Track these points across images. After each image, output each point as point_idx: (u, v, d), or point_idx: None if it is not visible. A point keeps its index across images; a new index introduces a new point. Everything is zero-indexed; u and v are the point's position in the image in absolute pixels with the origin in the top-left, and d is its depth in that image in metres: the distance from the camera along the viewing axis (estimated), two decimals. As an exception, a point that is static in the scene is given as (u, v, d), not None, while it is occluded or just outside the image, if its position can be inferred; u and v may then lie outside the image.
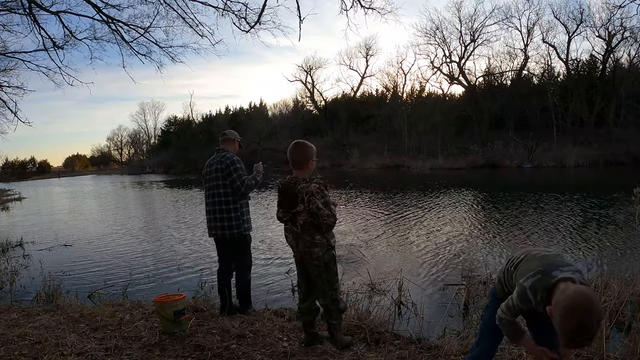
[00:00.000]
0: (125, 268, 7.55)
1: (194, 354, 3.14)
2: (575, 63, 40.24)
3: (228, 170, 3.91)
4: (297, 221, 2.96)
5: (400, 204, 15.19)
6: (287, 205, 3.03)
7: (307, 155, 3.05)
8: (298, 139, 3.22)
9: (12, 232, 11.70)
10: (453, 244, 8.39)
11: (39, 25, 8.70)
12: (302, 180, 3.00)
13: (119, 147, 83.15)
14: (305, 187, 2.93)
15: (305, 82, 54.93)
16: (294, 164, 3.06)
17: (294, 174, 3.06)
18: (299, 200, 2.94)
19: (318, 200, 2.87)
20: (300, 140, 3.15)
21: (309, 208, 2.88)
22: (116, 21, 8.75)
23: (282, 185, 3.11)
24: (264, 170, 4.22)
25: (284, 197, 3.07)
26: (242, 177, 3.92)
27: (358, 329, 3.52)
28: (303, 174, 3.04)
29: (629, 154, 31.20)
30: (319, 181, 2.99)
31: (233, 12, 8.36)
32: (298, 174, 3.05)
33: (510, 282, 2.06)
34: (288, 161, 3.10)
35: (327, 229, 2.91)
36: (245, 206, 4.07)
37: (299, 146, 3.08)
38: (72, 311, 4.27)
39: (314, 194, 2.88)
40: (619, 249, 7.50)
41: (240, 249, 4.06)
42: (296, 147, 3.08)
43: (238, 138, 4.25)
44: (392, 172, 36.25)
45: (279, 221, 3.17)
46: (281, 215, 3.11)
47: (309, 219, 2.91)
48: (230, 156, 4.00)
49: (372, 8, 8.61)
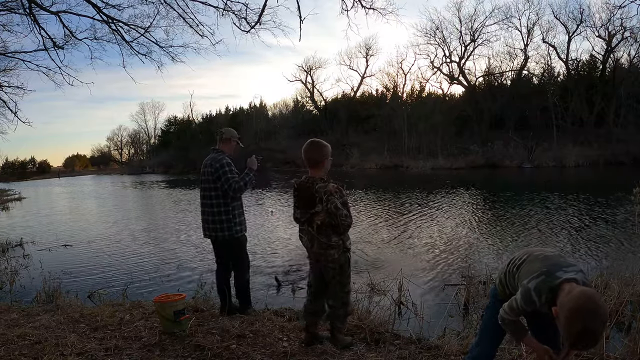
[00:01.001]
0: (125, 268, 7.55)
1: (194, 354, 3.14)
2: (575, 63, 40.29)
3: (217, 174, 3.85)
4: (314, 222, 2.90)
5: (400, 204, 15.19)
6: (304, 205, 2.97)
7: (322, 153, 3.00)
8: (313, 138, 3.15)
9: (12, 232, 11.69)
10: (453, 244, 8.39)
11: (39, 25, 8.70)
12: (319, 179, 2.94)
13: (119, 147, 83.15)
14: (323, 186, 2.88)
15: (305, 82, 54.96)
16: (310, 162, 3.00)
17: (310, 174, 3.00)
18: (317, 200, 2.88)
19: (337, 200, 2.83)
20: (315, 139, 3.09)
21: (328, 208, 2.83)
22: (116, 21, 8.74)
23: (298, 185, 3.04)
24: (259, 163, 4.10)
25: (300, 197, 3.01)
26: (230, 180, 3.83)
27: (358, 329, 3.52)
28: (319, 173, 2.99)
29: (629, 154, 31.21)
30: (336, 181, 2.96)
31: (233, 12, 8.35)
32: (314, 173, 2.99)
33: (512, 283, 2.05)
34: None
35: (344, 229, 2.88)
36: (238, 208, 4.00)
37: (314, 144, 3.02)
38: (72, 311, 4.27)
39: (333, 194, 2.84)
40: (619, 248, 7.50)
41: (234, 250, 4.03)
42: (311, 145, 3.02)
43: (235, 137, 4.14)
44: (392, 172, 36.25)
45: (296, 222, 3.12)
46: (299, 216, 3.05)
47: (327, 219, 2.86)
48: (220, 158, 3.92)
49: (373, 8, 8.61)
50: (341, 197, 2.87)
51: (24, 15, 8.45)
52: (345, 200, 2.90)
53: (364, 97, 53.03)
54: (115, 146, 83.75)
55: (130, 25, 8.86)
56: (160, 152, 65.83)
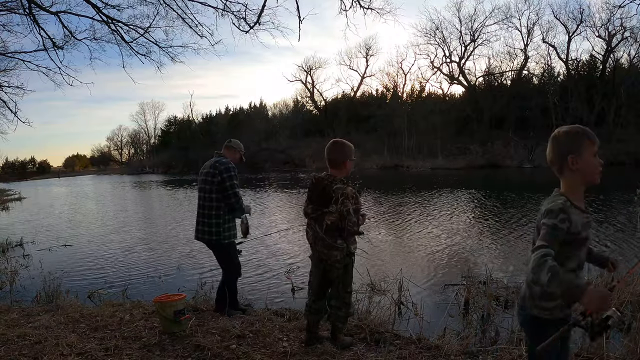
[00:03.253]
0: (125, 268, 7.55)
1: (194, 354, 3.14)
2: (575, 63, 40.30)
3: (222, 177, 3.86)
4: (324, 221, 2.88)
5: (400, 204, 15.19)
6: (318, 202, 2.94)
7: (345, 154, 2.98)
8: (336, 138, 3.14)
9: (12, 232, 11.69)
10: (453, 244, 8.39)
11: (38, 26, 8.69)
12: (339, 180, 2.92)
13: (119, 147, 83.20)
14: (342, 188, 2.86)
15: (305, 82, 54.99)
16: (330, 162, 2.98)
17: (330, 172, 2.98)
18: (332, 200, 2.85)
19: (351, 205, 2.83)
20: (339, 139, 3.08)
21: (340, 209, 2.82)
22: (116, 21, 8.74)
23: (316, 180, 2.99)
24: (249, 213, 4.14)
25: (315, 192, 2.97)
26: (234, 183, 3.87)
27: (358, 329, 3.52)
28: (340, 173, 2.97)
29: (629, 154, 31.19)
30: (354, 186, 2.96)
31: (232, 12, 8.36)
32: (335, 173, 2.97)
33: None
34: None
35: (348, 234, 2.87)
36: (229, 214, 4.01)
37: (337, 145, 3.01)
38: (72, 311, 4.27)
39: (349, 198, 2.84)
40: (619, 249, 7.50)
41: (221, 255, 4.05)
42: (334, 145, 3.01)
43: (240, 150, 4.17)
44: (392, 172, 36.25)
45: (305, 216, 3.09)
46: (309, 212, 3.01)
47: (337, 221, 2.85)
48: (226, 162, 3.96)
49: (371, 8, 8.63)
50: (355, 203, 2.86)
51: (24, 15, 8.45)
52: (358, 208, 2.90)
53: (364, 97, 53.05)
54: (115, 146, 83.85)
55: (129, 25, 8.88)
56: (160, 152, 65.82)
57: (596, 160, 1.70)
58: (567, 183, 1.74)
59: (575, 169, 1.69)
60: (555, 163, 1.75)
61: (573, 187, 1.74)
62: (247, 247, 4.38)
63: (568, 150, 1.69)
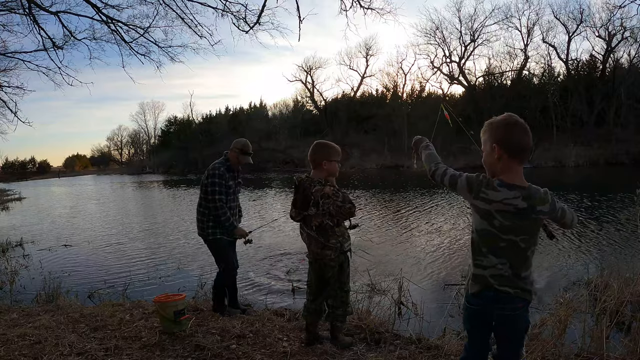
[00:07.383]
0: (125, 268, 7.55)
1: (194, 354, 3.14)
2: (575, 63, 40.31)
3: (205, 181, 3.94)
4: (312, 223, 2.91)
5: (400, 203, 15.19)
6: (300, 205, 2.97)
7: (323, 155, 3.00)
8: (320, 140, 3.19)
9: (12, 232, 11.70)
10: (453, 244, 8.39)
11: (38, 26, 8.70)
12: (317, 181, 2.94)
13: (119, 147, 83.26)
14: (319, 189, 2.88)
15: (305, 82, 54.97)
16: (311, 163, 3.04)
17: (312, 174, 3.02)
18: (310, 203, 2.87)
19: (332, 205, 2.84)
20: (321, 140, 3.13)
21: (328, 210, 2.83)
22: (115, 21, 8.75)
23: (298, 182, 3.02)
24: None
25: (297, 195, 3.00)
26: (215, 190, 3.87)
27: (358, 329, 3.51)
28: (319, 174, 2.99)
29: (629, 154, 31.21)
30: (333, 183, 2.97)
31: (232, 12, 8.37)
32: (315, 174, 3.00)
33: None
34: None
35: (348, 215, 2.93)
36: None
37: (317, 145, 3.05)
38: (72, 311, 4.27)
39: (330, 197, 2.85)
40: (619, 248, 7.50)
41: (212, 251, 4.11)
42: (314, 146, 3.06)
43: (235, 148, 4.08)
44: (392, 172, 36.23)
45: (292, 220, 3.12)
46: (294, 215, 3.05)
47: (325, 220, 2.87)
48: (215, 165, 3.98)
49: (371, 8, 8.63)
50: (337, 198, 2.87)
51: (24, 15, 8.46)
52: (346, 196, 2.91)
53: (364, 97, 53.07)
54: (115, 146, 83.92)
55: (129, 25, 8.89)
56: (160, 152, 65.86)
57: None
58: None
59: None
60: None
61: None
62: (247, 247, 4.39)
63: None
